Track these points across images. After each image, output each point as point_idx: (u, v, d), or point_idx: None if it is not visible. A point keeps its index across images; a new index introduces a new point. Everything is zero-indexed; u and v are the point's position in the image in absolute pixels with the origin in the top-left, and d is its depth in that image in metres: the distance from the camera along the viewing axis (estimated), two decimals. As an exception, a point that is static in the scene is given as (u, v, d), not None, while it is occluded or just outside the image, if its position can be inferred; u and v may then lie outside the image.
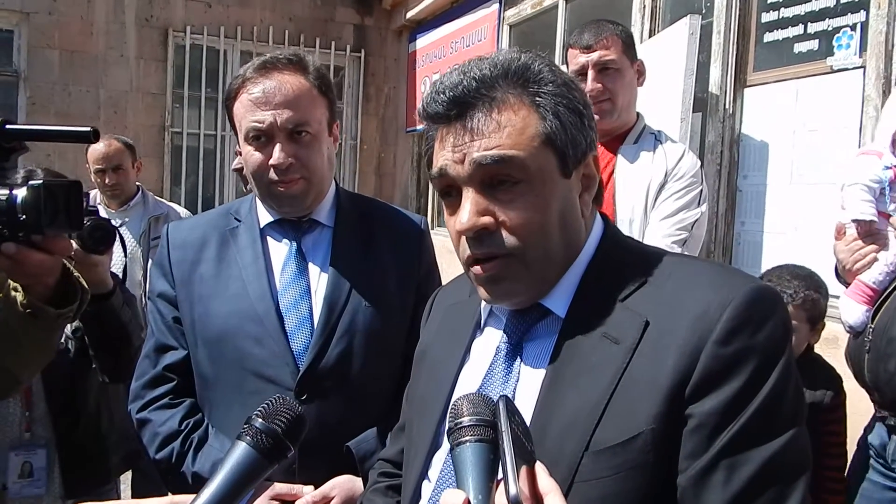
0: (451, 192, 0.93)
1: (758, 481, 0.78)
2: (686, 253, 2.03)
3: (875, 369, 1.94)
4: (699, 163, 2.18)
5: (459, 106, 0.90)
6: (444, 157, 0.91)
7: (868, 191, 2.05)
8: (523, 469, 0.69)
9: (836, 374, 2.14)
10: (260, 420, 0.91)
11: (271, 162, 1.40)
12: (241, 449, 0.89)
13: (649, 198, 2.08)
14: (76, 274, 1.14)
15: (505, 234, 0.89)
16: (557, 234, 0.91)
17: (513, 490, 0.65)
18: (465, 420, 0.74)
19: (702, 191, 2.10)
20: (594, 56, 2.09)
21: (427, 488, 0.98)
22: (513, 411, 0.74)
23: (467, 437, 0.73)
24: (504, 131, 0.88)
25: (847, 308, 2.03)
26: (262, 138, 1.42)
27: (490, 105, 0.89)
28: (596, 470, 0.81)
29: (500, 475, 0.70)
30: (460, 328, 1.05)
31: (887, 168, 2.06)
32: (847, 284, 2.08)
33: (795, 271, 2.19)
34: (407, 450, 1.08)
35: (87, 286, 1.16)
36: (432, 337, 1.12)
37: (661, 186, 2.07)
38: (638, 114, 2.22)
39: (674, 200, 2.06)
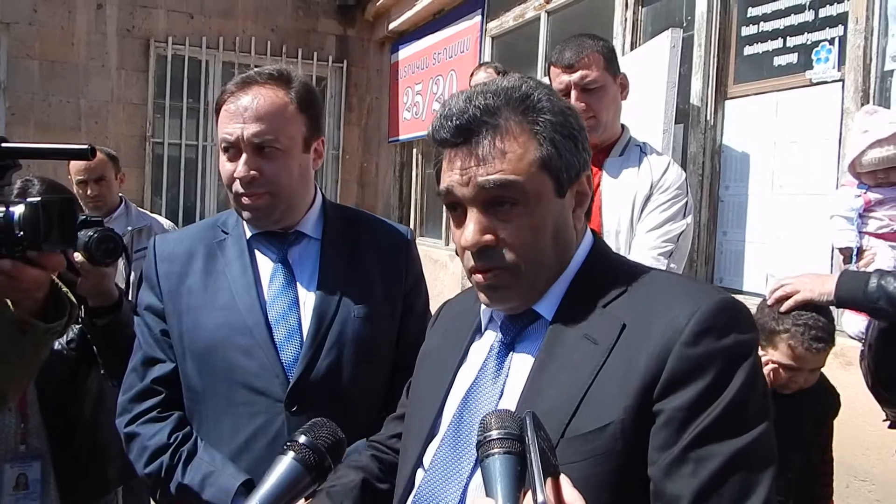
0: (456, 207, 1.02)
1: (725, 472, 0.85)
2: (672, 265, 2.07)
3: (866, 376, 2.00)
4: (684, 174, 2.21)
5: (465, 133, 0.99)
6: (450, 177, 1.01)
7: (846, 220, 2.18)
8: (548, 480, 0.74)
9: (833, 394, 2.11)
10: (304, 437, 0.92)
11: (235, 174, 1.42)
12: (286, 462, 0.90)
13: (635, 210, 2.10)
14: (64, 289, 1.14)
15: (504, 250, 0.99)
16: (550, 248, 1.01)
17: (540, 498, 0.69)
18: (494, 433, 0.80)
19: (687, 202, 2.13)
20: (575, 76, 2.11)
21: (420, 476, 1.05)
22: (538, 426, 0.79)
23: (496, 450, 0.78)
24: (505, 157, 0.97)
25: (848, 321, 2.12)
26: (231, 150, 1.43)
27: (493, 132, 0.98)
28: (569, 454, 0.88)
29: (526, 485, 0.75)
30: (461, 333, 1.14)
31: (857, 196, 2.16)
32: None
33: (815, 309, 1.92)
34: (404, 440, 1.17)
35: (74, 301, 1.15)
36: (436, 340, 1.21)
37: (647, 198, 2.09)
38: (623, 126, 2.25)
39: (659, 212, 2.08)
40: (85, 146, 1.00)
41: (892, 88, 2.85)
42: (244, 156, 1.41)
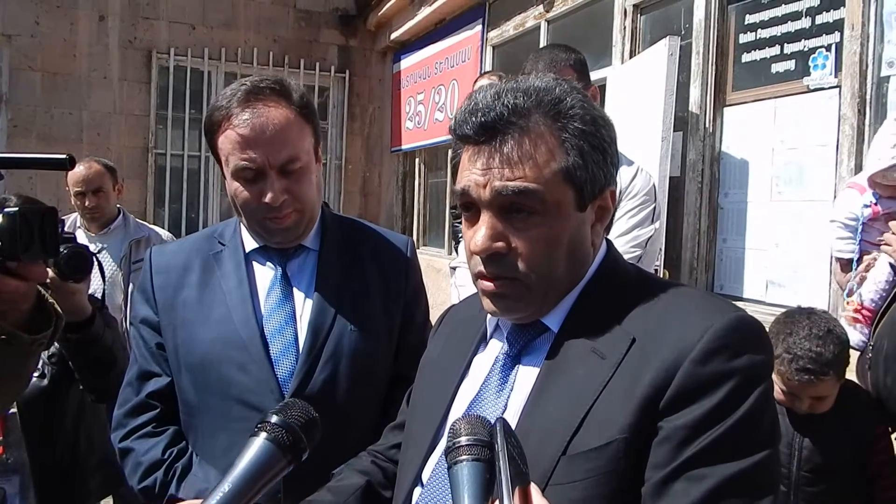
0: (470, 208, 0.97)
1: (717, 495, 0.80)
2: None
3: (877, 384, 1.98)
4: (653, 181, 2.23)
5: (489, 132, 0.93)
6: (468, 176, 0.95)
7: (845, 228, 2.13)
8: (517, 489, 0.71)
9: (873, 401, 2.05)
10: (276, 416, 0.88)
11: (266, 201, 1.38)
12: (258, 443, 0.85)
13: None
14: (50, 300, 1.13)
15: (515, 259, 0.94)
16: (563, 262, 0.96)
17: None
18: (463, 440, 0.77)
19: (654, 208, 2.16)
20: None
21: (418, 493, 1.02)
22: (509, 433, 0.76)
23: (464, 457, 0.76)
24: (528, 164, 0.92)
25: (850, 330, 2.06)
26: (251, 176, 1.39)
27: (519, 135, 0.92)
28: (570, 473, 0.85)
29: (494, 494, 0.72)
30: (466, 341, 1.10)
31: (866, 206, 2.10)
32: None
33: (816, 339, 1.91)
34: (403, 451, 1.12)
35: (61, 312, 1.14)
36: (440, 347, 1.17)
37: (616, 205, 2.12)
38: None
39: (628, 218, 2.11)
40: (63, 156, 0.99)
41: (889, 94, 2.85)
42: (272, 181, 1.38)
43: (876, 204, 2.12)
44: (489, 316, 1.05)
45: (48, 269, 1.65)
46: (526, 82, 0.96)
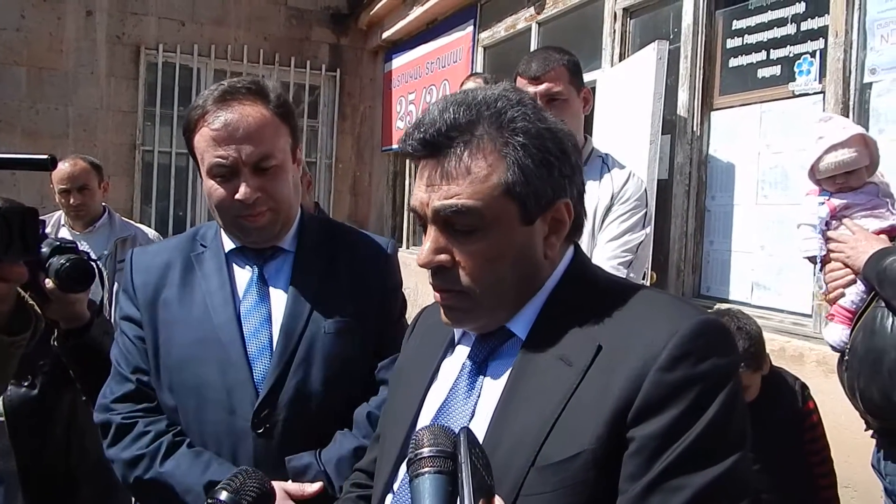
0: (423, 223, 0.98)
1: None
2: (631, 274, 2.11)
3: (852, 385, 2.02)
4: (644, 186, 2.25)
5: (430, 147, 0.94)
6: (416, 194, 0.97)
7: (812, 228, 2.19)
8: (481, 502, 0.70)
9: (800, 384, 2.30)
10: (225, 493, 0.88)
11: (238, 197, 1.38)
12: None
13: (596, 220, 2.13)
14: (30, 302, 1.13)
15: (459, 272, 0.95)
16: (509, 276, 0.96)
17: None
18: (425, 451, 0.75)
19: (646, 213, 2.17)
20: (541, 88, 2.13)
21: (389, 500, 1.02)
22: (473, 443, 0.75)
23: (426, 469, 0.74)
24: (466, 179, 0.92)
25: (829, 330, 2.13)
26: (225, 174, 1.39)
27: (460, 151, 0.93)
28: (539, 484, 0.84)
29: None
30: (434, 347, 1.10)
31: (821, 204, 2.16)
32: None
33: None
34: (378, 460, 1.13)
35: (40, 314, 1.14)
36: (411, 354, 1.17)
37: (608, 209, 2.13)
38: (586, 137, 2.28)
39: (619, 223, 2.12)
40: (45, 156, 0.99)
41: (871, 100, 2.88)
42: (245, 178, 1.38)
43: (829, 200, 2.16)
44: None
45: (48, 280, 1.63)
46: (470, 96, 0.96)
